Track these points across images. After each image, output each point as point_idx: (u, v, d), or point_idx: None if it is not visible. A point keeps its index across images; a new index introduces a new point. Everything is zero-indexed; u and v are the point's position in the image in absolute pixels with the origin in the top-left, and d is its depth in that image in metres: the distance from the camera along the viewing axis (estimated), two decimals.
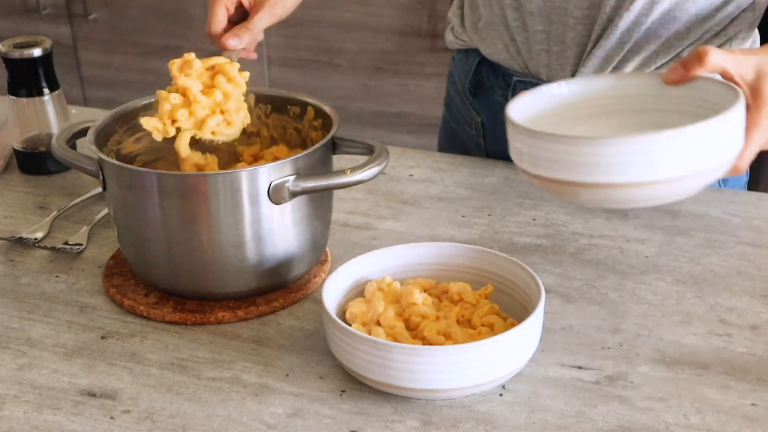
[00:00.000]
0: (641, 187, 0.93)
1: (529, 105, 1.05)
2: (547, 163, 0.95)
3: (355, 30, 2.81)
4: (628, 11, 1.23)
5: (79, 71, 3.15)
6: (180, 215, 1.05)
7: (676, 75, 1.02)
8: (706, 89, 1.02)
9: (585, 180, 0.93)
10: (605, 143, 0.92)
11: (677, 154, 0.91)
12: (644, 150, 0.91)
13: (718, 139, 0.94)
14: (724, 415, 0.93)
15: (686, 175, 0.93)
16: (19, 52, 1.34)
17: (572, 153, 0.93)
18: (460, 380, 0.92)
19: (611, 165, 0.92)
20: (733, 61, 1.01)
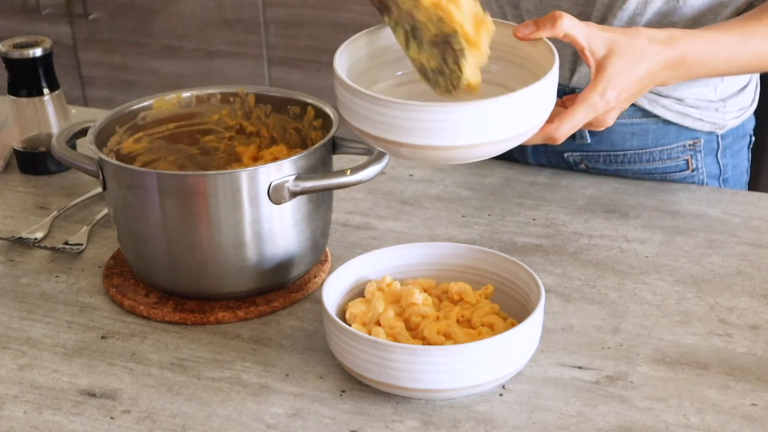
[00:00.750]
0: (453, 150, 0.94)
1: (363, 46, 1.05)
2: (364, 119, 0.96)
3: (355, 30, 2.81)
4: (621, 10, 1.23)
5: (79, 71, 3.15)
6: (180, 215, 1.05)
7: (525, 32, 1.01)
8: (541, 51, 1.01)
9: (399, 140, 0.94)
10: (415, 109, 0.93)
11: (481, 123, 0.92)
12: (452, 119, 0.92)
13: (520, 112, 0.94)
14: (724, 415, 0.93)
15: (492, 141, 0.94)
16: (19, 52, 1.34)
17: (386, 114, 0.94)
18: (460, 380, 0.92)
19: (421, 129, 0.93)
20: (585, 33, 1.01)
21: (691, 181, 1.35)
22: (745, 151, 1.41)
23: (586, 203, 1.28)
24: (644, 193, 1.30)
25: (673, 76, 1.08)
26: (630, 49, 1.03)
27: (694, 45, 1.08)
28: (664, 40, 1.06)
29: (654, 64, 1.05)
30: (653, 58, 1.05)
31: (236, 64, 2.92)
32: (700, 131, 1.34)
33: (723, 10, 1.24)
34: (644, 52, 1.04)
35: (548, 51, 1.00)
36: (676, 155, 1.34)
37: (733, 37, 1.12)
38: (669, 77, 1.08)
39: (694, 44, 1.08)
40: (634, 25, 1.23)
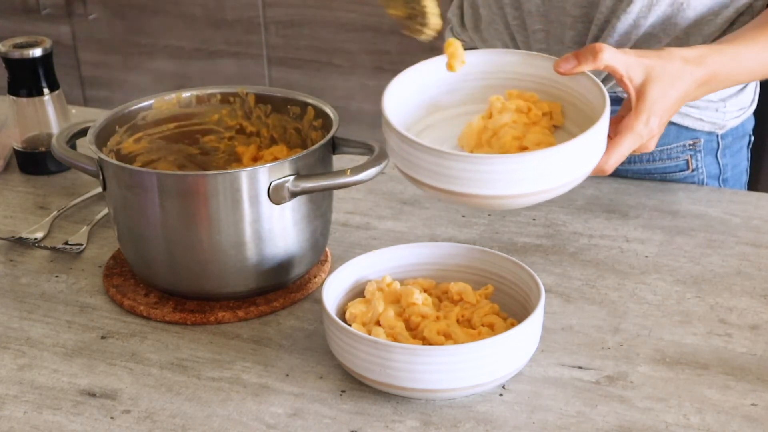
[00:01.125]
0: (514, 198, 0.96)
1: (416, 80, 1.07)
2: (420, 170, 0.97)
3: (355, 30, 2.81)
4: (625, 13, 1.23)
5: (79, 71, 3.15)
6: (180, 215, 1.05)
7: (568, 66, 1.03)
8: (584, 85, 1.03)
9: (461, 191, 0.96)
10: (472, 160, 0.94)
11: (541, 171, 0.95)
12: (502, 170, 0.94)
13: (577, 159, 0.96)
14: (724, 415, 0.93)
15: (553, 187, 0.96)
16: (19, 52, 1.34)
17: (440, 165, 0.95)
18: (460, 380, 0.92)
19: (483, 180, 0.94)
20: (624, 62, 1.02)
21: (691, 181, 1.35)
22: (744, 151, 1.41)
23: (586, 203, 1.28)
24: (644, 193, 1.30)
25: (703, 91, 1.10)
26: (666, 72, 1.04)
27: (722, 60, 1.10)
28: (696, 60, 1.07)
29: (689, 84, 1.06)
30: (688, 78, 1.06)
31: (236, 64, 2.92)
32: (699, 131, 1.34)
33: (724, 11, 1.24)
34: (680, 74, 1.05)
35: (596, 89, 1.01)
36: (676, 155, 1.34)
37: (756, 47, 1.14)
38: (699, 93, 1.10)
39: (722, 60, 1.10)
40: (638, 27, 1.23)
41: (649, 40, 1.26)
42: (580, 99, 1.04)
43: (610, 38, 1.25)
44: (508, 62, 1.08)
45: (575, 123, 1.05)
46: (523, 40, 1.32)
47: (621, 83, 1.03)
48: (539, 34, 1.30)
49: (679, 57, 1.06)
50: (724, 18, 1.25)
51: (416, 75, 1.07)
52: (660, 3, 1.22)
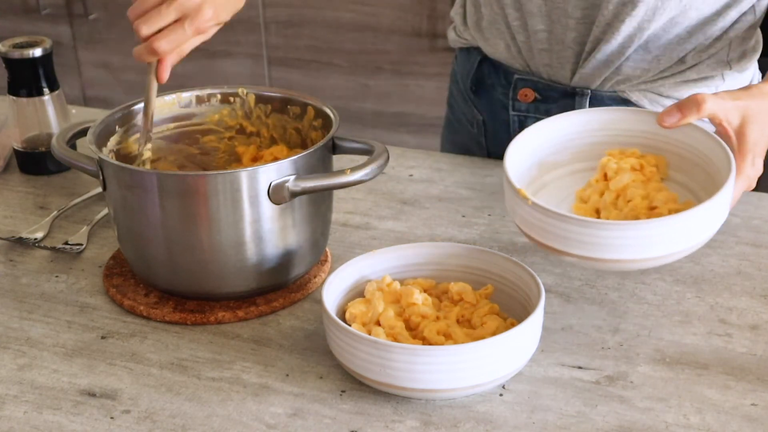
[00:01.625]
0: (636, 262, 0.98)
1: (528, 142, 1.09)
2: (541, 232, 1.00)
3: (355, 30, 2.81)
4: (630, 17, 1.23)
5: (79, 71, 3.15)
6: (180, 215, 1.05)
7: (672, 120, 1.05)
8: (696, 138, 1.06)
9: (582, 254, 0.98)
10: (605, 227, 0.96)
11: (672, 235, 0.96)
12: (641, 234, 0.96)
13: (711, 219, 0.98)
14: (724, 415, 0.93)
15: (686, 248, 0.99)
16: (19, 52, 1.34)
17: (571, 231, 0.97)
18: (460, 380, 0.92)
19: (608, 245, 0.97)
20: (723, 107, 1.04)
21: None
22: None
23: None
24: None
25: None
26: (761, 111, 1.05)
27: None
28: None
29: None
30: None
31: (236, 64, 2.92)
32: None
33: (728, 12, 1.24)
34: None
35: (722, 151, 1.03)
36: None
37: None
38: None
39: None
40: (643, 30, 1.24)
41: (651, 42, 1.26)
42: (691, 150, 1.07)
43: (613, 40, 1.25)
44: (611, 119, 1.11)
45: (683, 172, 1.08)
46: (524, 40, 1.32)
47: (720, 127, 1.04)
48: (541, 34, 1.30)
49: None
50: (727, 18, 1.25)
51: (530, 137, 1.10)
52: (666, 7, 1.22)
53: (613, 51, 1.26)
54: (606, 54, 1.26)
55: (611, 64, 1.28)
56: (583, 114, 1.12)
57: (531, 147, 1.10)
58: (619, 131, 1.11)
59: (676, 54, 1.27)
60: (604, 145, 1.11)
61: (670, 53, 1.27)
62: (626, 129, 1.11)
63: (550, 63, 1.32)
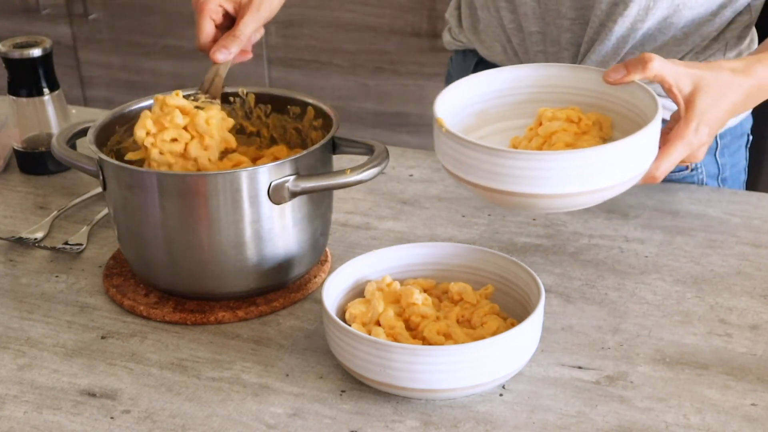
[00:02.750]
0: (557, 198, 0.96)
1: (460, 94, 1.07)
2: (465, 167, 0.98)
3: (355, 30, 2.81)
4: (622, 17, 1.23)
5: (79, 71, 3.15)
6: (180, 215, 1.05)
7: (617, 76, 1.04)
8: (636, 95, 1.04)
9: (499, 188, 0.96)
10: (523, 157, 0.95)
11: (590, 170, 0.95)
12: (559, 166, 0.94)
13: (629, 158, 0.97)
14: (724, 415, 0.93)
15: (600, 188, 0.96)
16: (19, 52, 1.34)
17: (490, 162, 0.95)
18: (460, 380, 0.92)
19: (525, 177, 0.95)
20: (673, 72, 1.03)
21: (690, 181, 1.35)
22: (743, 151, 1.41)
23: None
24: (644, 193, 1.30)
25: (750, 103, 1.10)
26: (715, 83, 1.04)
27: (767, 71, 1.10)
28: (744, 70, 1.07)
29: (738, 95, 1.06)
30: (737, 90, 1.06)
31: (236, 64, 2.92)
32: None
33: (723, 11, 1.24)
34: (729, 85, 1.05)
35: (648, 96, 1.02)
36: None
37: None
38: (747, 105, 1.09)
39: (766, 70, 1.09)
40: (635, 31, 1.24)
41: (646, 41, 1.25)
42: (632, 109, 1.05)
43: (607, 40, 1.25)
44: (556, 76, 1.10)
45: (626, 134, 1.05)
46: (519, 42, 1.32)
47: (670, 93, 1.04)
48: (535, 36, 1.30)
49: (728, 68, 1.06)
50: (723, 18, 1.25)
51: (468, 85, 1.09)
52: (658, 6, 1.22)
53: (608, 52, 1.26)
54: (601, 55, 1.26)
55: (606, 65, 1.27)
56: (528, 68, 1.11)
57: (470, 94, 1.08)
58: (564, 88, 1.09)
59: (672, 55, 1.27)
60: (548, 102, 1.09)
61: (667, 54, 1.27)
62: (570, 86, 1.09)
63: None
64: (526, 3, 1.28)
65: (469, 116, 1.09)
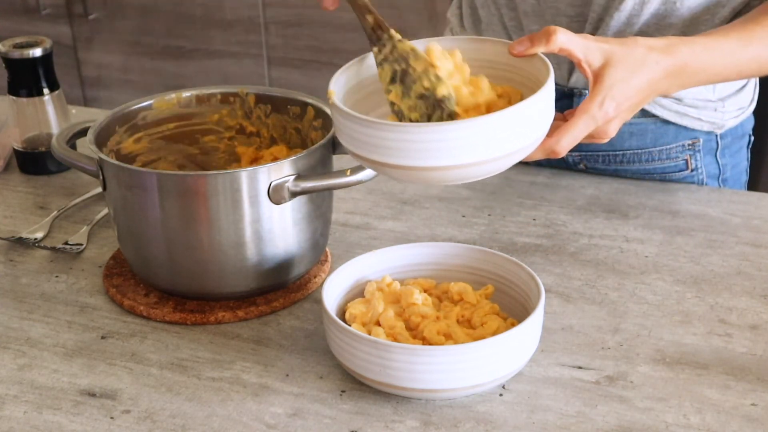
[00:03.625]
0: (451, 170, 0.92)
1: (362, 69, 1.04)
2: (358, 143, 0.95)
3: (355, 30, 2.81)
4: (618, 11, 1.22)
5: (79, 71, 3.15)
6: (180, 215, 1.05)
7: (520, 48, 1.00)
8: (536, 66, 1.00)
9: (394, 162, 0.93)
10: (409, 130, 0.91)
11: (477, 141, 0.91)
12: (447, 137, 0.91)
13: (517, 127, 0.92)
14: (724, 415, 0.93)
15: (491, 158, 0.93)
16: (19, 52, 1.34)
17: (380, 137, 0.92)
18: (460, 380, 0.92)
19: (418, 150, 0.91)
20: (582, 45, 1.00)
21: (691, 181, 1.35)
22: (744, 151, 1.41)
23: (586, 203, 1.28)
24: (644, 193, 1.30)
25: (674, 84, 1.06)
26: (628, 58, 1.01)
27: (694, 52, 1.06)
28: (663, 48, 1.04)
29: (654, 73, 1.03)
30: (653, 67, 1.03)
31: (236, 64, 2.93)
32: (698, 131, 1.34)
33: (720, 10, 1.24)
34: (644, 62, 1.02)
35: (543, 65, 0.98)
36: (675, 155, 1.34)
37: (733, 42, 1.10)
38: (670, 86, 1.06)
39: (693, 51, 1.06)
40: (632, 26, 1.23)
41: None
42: (533, 80, 1.01)
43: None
44: (462, 49, 1.04)
45: None
46: None
47: (579, 67, 1.01)
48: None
49: (644, 45, 1.03)
50: (721, 17, 1.24)
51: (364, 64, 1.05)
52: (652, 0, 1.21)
53: None
54: None
55: None
56: (433, 42, 1.06)
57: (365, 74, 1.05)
58: (471, 61, 1.04)
59: None
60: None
61: None
62: (478, 59, 1.05)
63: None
64: (525, 1, 1.28)
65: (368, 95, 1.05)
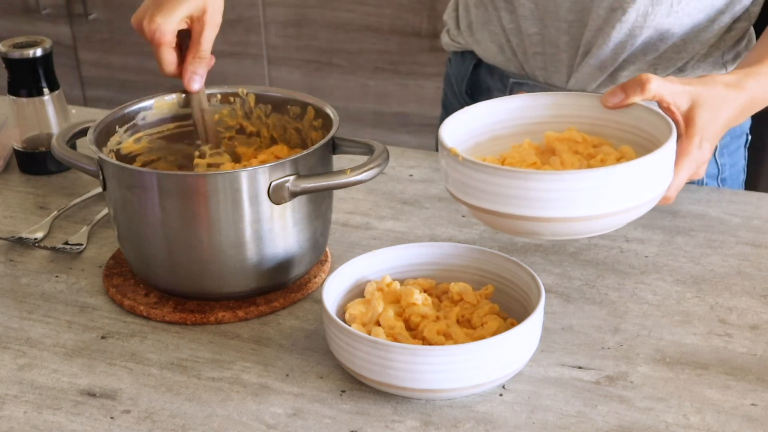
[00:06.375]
0: (567, 222, 0.93)
1: (465, 121, 1.06)
2: (471, 190, 0.96)
3: (355, 30, 2.81)
4: (621, 23, 1.22)
5: (79, 71, 3.15)
6: (180, 215, 1.05)
7: (616, 100, 1.03)
8: (641, 118, 1.03)
9: (509, 212, 0.94)
10: (530, 177, 0.92)
11: (604, 192, 0.92)
12: (571, 187, 0.91)
13: (648, 177, 0.95)
14: (724, 415, 0.93)
15: (612, 212, 0.94)
16: (19, 52, 1.34)
17: (497, 184, 0.93)
18: (460, 380, 0.92)
19: (536, 199, 0.92)
20: (670, 90, 1.02)
21: (690, 181, 1.35)
22: (742, 150, 1.41)
23: None
24: None
25: (744, 116, 1.10)
26: (711, 98, 1.04)
27: (759, 83, 1.10)
28: (736, 84, 1.07)
29: (733, 110, 1.07)
30: (732, 104, 1.06)
31: (236, 64, 2.93)
32: None
33: (721, 17, 1.24)
34: (725, 100, 1.06)
35: (658, 118, 1.01)
36: None
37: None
38: (741, 117, 1.10)
39: (759, 83, 1.10)
40: (634, 37, 1.23)
41: (646, 48, 1.25)
42: (636, 133, 1.04)
43: (605, 46, 1.25)
44: (553, 104, 1.08)
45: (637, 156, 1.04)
46: (518, 43, 1.32)
47: (668, 111, 1.03)
48: (534, 37, 1.30)
49: (721, 83, 1.06)
50: (721, 24, 1.24)
51: (467, 117, 1.07)
52: (656, 12, 1.21)
53: (606, 57, 1.26)
54: (599, 59, 1.26)
55: (605, 69, 1.27)
56: (525, 98, 1.09)
57: (468, 127, 1.06)
58: (562, 117, 1.07)
59: (673, 63, 1.27)
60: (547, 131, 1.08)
61: (667, 62, 1.27)
62: (569, 114, 1.07)
63: (545, 66, 1.32)
64: (524, 4, 1.28)
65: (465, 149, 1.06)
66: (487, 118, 1.08)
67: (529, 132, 1.09)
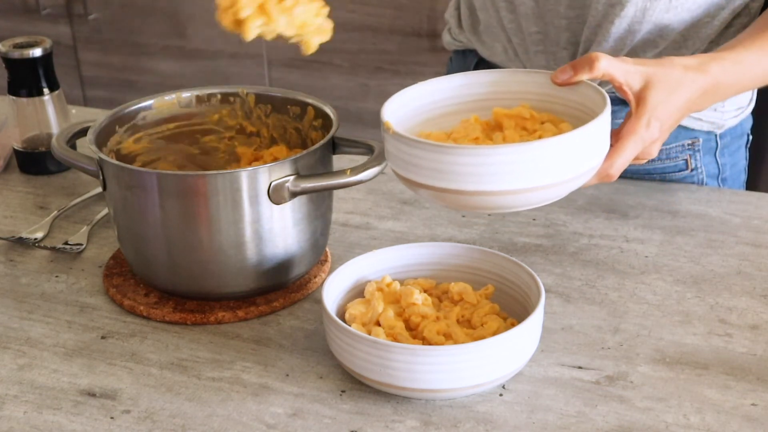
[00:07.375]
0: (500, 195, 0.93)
1: (409, 101, 1.05)
2: (412, 167, 0.95)
3: (355, 30, 2.81)
4: (619, 18, 1.22)
5: (79, 71, 3.15)
6: (180, 215, 1.05)
7: (564, 77, 1.02)
8: (586, 95, 1.02)
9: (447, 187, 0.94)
10: (465, 152, 0.92)
11: (537, 164, 0.92)
12: (505, 160, 0.92)
13: (578, 151, 0.94)
14: (724, 415, 0.93)
15: (549, 183, 0.94)
16: (19, 52, 1.34)
17: (434, 160, 0.93)
18: (460, 380, 0.92)
19: (471, 173, 0.92)
20: (622, 69, 1.02)
21: (690, 181, 1.35)
22: (743, 151, 1.41)
23: (586, 203, 1.28)
24: (644, 193, 1.30)
25: (708, 100, 1.09)
26: (667, 79, 1.03)
27: (724, 68, 1.09)
28: (697, 67, 1.06)
29: (692, 92, 1.05)
30: (690, 86, 1.05)
31: (236, 64, 2.93)
32: (698, 131, 1.34)
33: (720, 13, 1.24)
34: (681, 82, 1.05)
35: (597, 93, 1.00)
36: (675, 155, 1.34)
37: (756, 53, 1.12)
38: (704, 102, 1.09)
39: (723, 67, 1.08)
40: (633, 33, 1.23)
41: (645, 45, 1.25)
42: (582, 110, 1.03)
43: (605, 42, 1.25)
44: (503, 81, 1.07)
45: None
46: (519, 42, 1.32)
47: (620, 91, 1.03)
48: (535, 36, 1.30)
49: (680, 65, 1.06)
50: (721, 20, 1.24)
51: (416, 92, 1.06)
52: (654, 8, 1.21)
53: (606, 53, 1.26)
54: None
55: None
56: (476, 75, 1.08)
57: (415, 105, 1.05)
58: (513, 93, 1.06)
59: None
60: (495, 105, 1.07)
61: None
62: (519, 91, 1.06)
63: (547, 65, 1.32)
64: (524, 3, 1.28)
65: (415, 125, 1.06)
66: (432, 95, 1.07)
67: (481, 109, 1.07)
